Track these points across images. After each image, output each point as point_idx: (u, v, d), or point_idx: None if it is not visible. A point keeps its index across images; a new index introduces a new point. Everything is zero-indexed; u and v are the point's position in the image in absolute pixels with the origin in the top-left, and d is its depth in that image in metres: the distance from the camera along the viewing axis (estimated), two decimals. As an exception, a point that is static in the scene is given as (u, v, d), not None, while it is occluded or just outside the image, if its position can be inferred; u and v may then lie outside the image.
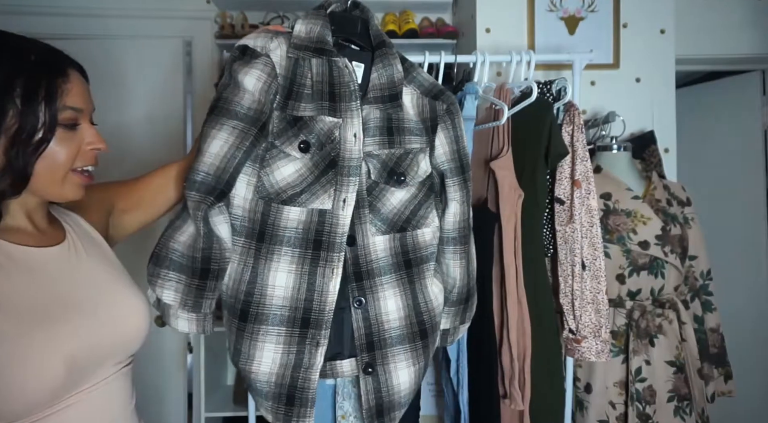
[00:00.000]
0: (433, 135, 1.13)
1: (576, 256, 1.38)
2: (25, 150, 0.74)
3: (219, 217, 1.01)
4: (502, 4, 1.87)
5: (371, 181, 1.07)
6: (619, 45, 1.88)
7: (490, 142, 1.45)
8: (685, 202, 1.64)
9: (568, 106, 1.43)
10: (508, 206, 1.36)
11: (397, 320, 1.07)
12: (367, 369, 1.05)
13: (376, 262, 1.06)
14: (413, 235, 1.10)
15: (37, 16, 2.21)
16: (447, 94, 1.15)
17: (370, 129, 1.07)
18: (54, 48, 0.80)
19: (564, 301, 1.40)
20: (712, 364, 1.63)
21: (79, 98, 0.80)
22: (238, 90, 1.00)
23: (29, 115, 0.73)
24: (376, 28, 1.12)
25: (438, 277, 1.16)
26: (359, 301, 1.05)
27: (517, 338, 1.36)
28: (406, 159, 1.09)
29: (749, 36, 2.19)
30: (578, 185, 1.38)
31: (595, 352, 1.37)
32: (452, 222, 1.15)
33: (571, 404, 1.50)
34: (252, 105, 1.00)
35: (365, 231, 1.05)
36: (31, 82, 0.74)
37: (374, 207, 1.07)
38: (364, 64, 1.11)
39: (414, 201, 1.11)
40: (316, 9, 1.09)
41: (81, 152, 0.81)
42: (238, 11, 2.28)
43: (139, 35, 2.24)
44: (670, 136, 1.89)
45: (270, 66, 1.03)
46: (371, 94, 1.07)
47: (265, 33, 1.06)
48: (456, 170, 1.15)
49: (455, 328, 1.23)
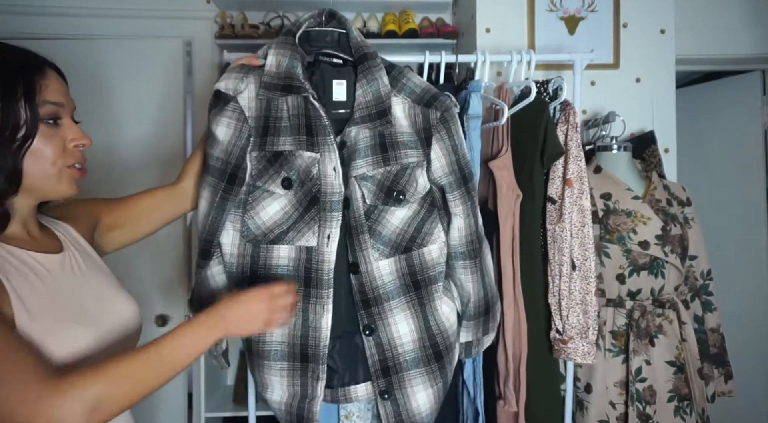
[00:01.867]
0: (428, 147, 1.06)
1: (564, 256, 1.37)
2: (10, 147, 0.75)
3: (218, 267, 1.07)
4: (502, 4, 1.87)
5: (368, 206, 1.02)
6: (619, 45, 1.88)
7: (489, 142, 1.45)
8: (685, 202, 1.64)
9: (564, 106, 1.43)
10: (506, 206, 1.35)
11: (410, 343, 1.04)
12: (384, 395, 1.04)
13: (383, 288, 1.03)
14: (420, 254, 1.06)
15: (37, 17, 2.21)
16: (440, 100, 1.07)
17: (360, 150, 1.02)
18: (28, 49, 0.81)
19: (552, 300, 1.40)
20: (712, 364, 1.63)
21: (57, 94, 0.81)
22: (213, 141, 1.03)
23: (10, 113, 0.74)
24: (356, 39, 1.07)
25: (448, 295, 1.12)
26: (370, 329, 1.03)
27: (512, 339, 1.36)
28: (404, 175, 1.04)
29: (749, 36, 2.19)
30: (570, 184, 1.37)
31: (581, 354, 1.35)
32: (457, 237, 1.10)
33: (571, 404, 1.50)
34: (221, 155, 1.02)
35: (368, 257, 1.02)
36: (9, 80, 0.75)
37: (374, 231, 1.03)
38: (347, 79, 1.07)
39: (417, 218, 1.06)
40: (284, 35, 1.06)
41: (66, 149, 0.81)
42: (238, 11, 2.27)
43: (139, 35, 2.23)
44: (670, 136, 1.89)
45: (238, 111, 1.02)
46: (357, 114, 1.02)
47: (237, 72, 1.05)
48: (457, 182, 1.08)
49: (479, 340, 1.19)
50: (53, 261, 0.82)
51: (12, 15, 2.20)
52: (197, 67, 2.29)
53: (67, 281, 0.82)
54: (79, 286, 0.84)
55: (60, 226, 0.91)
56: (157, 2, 2.25)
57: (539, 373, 1.39)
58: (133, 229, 1.05)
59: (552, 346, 1.41)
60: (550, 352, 1.41)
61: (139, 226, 1.06)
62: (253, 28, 2.26)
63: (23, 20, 2.20)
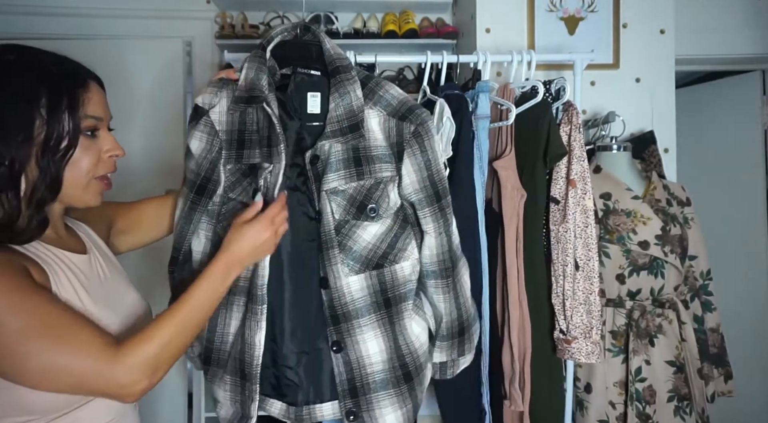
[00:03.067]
0: (400, 162, 1.02)
1: (568, 256, 1.38)
2: (54, 157, 0.78)
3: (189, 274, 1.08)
4: (502, 4, 1.87)
5: (337, 220, 1.01)
6: (619, 45, 1.88)
7: (494, 142, 1.46)
8: (685, 202, 1.64)
9: (567, 106, 1.43)
10: (511, 206, 1.36)
11: (380, 363, 1.02)
12: (350, 416, 1.02)
13: (353, 304, 1.01)
14: (392, 271, 1.03)
15: (37, 16, 2.21)
16: (416, 113, 1.02)
17: (332, 164, 1.00)
18: (73, 60, 0.84)
19: (555, 301, 1.40)
20: (712, 364, 1.63)
21: (98, 107, 0.84)
22: (188, 154, 1.05)
23: (55, 124, 0.77)
24: (330, 52, 1.04)
25: (419, 314, 1.10)
26: (338, 345, 1.01)
27: (518, 338, 1.36)
28: (377, 190, 1.01)
29: (749, 36, 2.19)
30: (573, 185, 1.37)
31: (585, 353, 1.35)
32: (428, 255, 1.07)
33: (571, 404, 1.51)
34: (194, 168, 1.04)
35: (337, 272, 1.00)
36: (55, 92, 0.78)
37: (344, 246, 1.01)
38: (321, 92, 1.05)
39: (390, 234, 1.04)
40: (256, 49, 1.06)
41: (101, 159, 0.85)
42: (238, 11, 2.28)
43: (139, 35, 2.24)
44: (669, 136, 1.89)
45: (209, 125, 1.03)
46: (329, 129, 1.00)
47: (213, 86, 1.06)
48: (428, 200, 1.05)
49: (453, 361, 1.16)
50: (83, 261, 0.86)
51: (12, 15, 2.20)
52: (197, 67, 2.29)
53: (95, 280, 0.87)
54: (103, 286, 0.88)
55: (81, 227, 0.95)
56: (157, 2, 2.25)
57: (542, 372, 1.39)
58: (143, 232, 1.11)
59: (555, 346, 1.41)
60: (553, 352, 1.42)
61: (146, 231, 1.11)
62: (253, 28, 2.26)
63: (23, 20, 2.21)
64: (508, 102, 1.37)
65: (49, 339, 0.71)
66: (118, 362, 0.73)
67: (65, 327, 0.72)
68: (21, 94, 0.75)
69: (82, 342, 0.72)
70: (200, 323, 0.85)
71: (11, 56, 0.78)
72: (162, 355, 0.77)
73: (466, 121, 1.32)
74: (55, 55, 0.82)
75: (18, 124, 0.74)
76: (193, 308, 0.83)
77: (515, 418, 1.42)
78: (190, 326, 0.83)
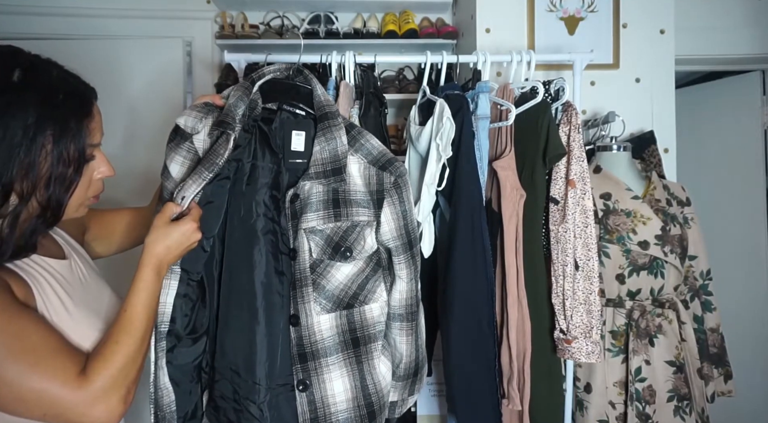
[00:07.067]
0: (379, 209, 1.07)
1: (568, 256, 1.38)
2: (58, 190, 0.77)
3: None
4: (502, 4, 1.87)
5: (314, 259, 1.03)
6: (619, 45, 1.88)
7: (493, 143, 1.46)
8: (685, 202, 1.64)
9: (566, 106, 1.43)
10: (510, 206, 1.36)
11: (344, 402, 1.03)
12: None
13: (322, 343, 1.02)
14: (361, 312, 1.06)
15: (37, 16, 2.21)
16: (395, 165, 1.08)
17: (312, 204, 1.03)
18: (79, 80, 0.83)
19: (555, 300, 1.40)
20: (711, 364, 1.63)
21: (99, 133, 0.84)
22: (167, 175, 1.04)
23: (60, 155, 0.76)
24: (320, 97, 1.08)
25: (386, 354, 1.12)
26: (303, 384, 1.02)
27: (516, 338, 1.36)
28: (353, 232, 1.04)
29: (749, 36, 2.19)
30: (573, 185, 1.37)
31: (585, 353, 1.36)
32: (398, 299, 1.12)
33: (571, 404, 1.51)
34: (172, 189, 1.02)
35: (309, 310, 1.02)
36: (62, 124, 0.76)
37: (318, 285, 1.03)
38: (305, 131, 1.08)
39: (362, 275, 1.06)
40: (245, 78, 1.08)
41: (92, 182, 0.85)
42: (238, 11, 2.28)
43: (140, 35, 2.24)
44: (669, 136, 1.90)
45: (192, 151, 1.04)
46: (312, 170, 1.03)
47: (198, 111, 1.06)
48: (403, 247, 1.10)
49: (404, 400, 1.19)
50: (64, 267, 0.86)
51: (12, 15, 2.21)
52: (197, 67, 2.30)
53: (77, 285, 0.87)
54: (85, 289, 0.89)
55: (57, 231, 0.94)
56: (157, 2, 2.25)
57: (542, 372, 1.39)
58: (113, 243, 1.12)
59: (555, 346, 1.41)
60: (553, 352, 1.42)
61: (119, 241, 1.13)
62: (253, 28, 2.27)
63: (23, 20, 2.21)
64: (507, 102, 1.37)
65: (27, 365, 0.70)
66: (93, 397, 0.73)
67: (44, 352, 0.72)
68: (27, 128, 0.73)
69: (59, 369, 0.72)
70: (149, 328, 0.86)
71: (17, 74, 0.74)
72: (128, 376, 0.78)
73: (467, 121, 1.32)
74: (64, 73, 0.80)
75: (22, 155, 0.72)
76: (136, 319, 0.83)
77: (514, 417, 1.42)
78: (140, 335, 0.83)
